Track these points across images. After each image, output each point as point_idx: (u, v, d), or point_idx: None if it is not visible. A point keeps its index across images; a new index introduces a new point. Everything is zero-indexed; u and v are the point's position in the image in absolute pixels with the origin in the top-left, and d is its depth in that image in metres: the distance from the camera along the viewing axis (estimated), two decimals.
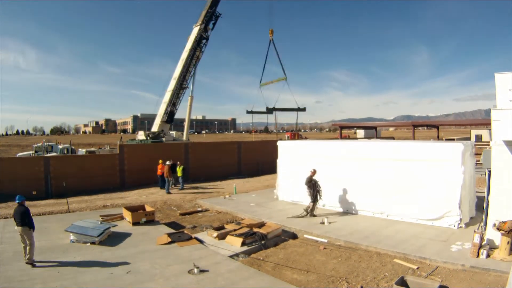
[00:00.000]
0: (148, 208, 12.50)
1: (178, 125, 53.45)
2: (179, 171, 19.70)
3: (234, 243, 9.44)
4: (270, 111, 24.84)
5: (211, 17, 27.12)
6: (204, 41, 27.30)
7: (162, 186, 19.66)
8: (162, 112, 26.67)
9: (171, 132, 29.42)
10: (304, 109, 26.57)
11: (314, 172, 12.54)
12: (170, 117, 27.33)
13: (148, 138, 26.31)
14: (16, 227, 8.23)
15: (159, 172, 19.72)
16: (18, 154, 30.60)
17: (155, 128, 26.94)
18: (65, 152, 27.27)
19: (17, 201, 8.46)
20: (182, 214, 13.83)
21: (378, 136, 44.01)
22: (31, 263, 8.04)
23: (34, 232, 8.32)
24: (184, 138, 28.99)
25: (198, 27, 26.77)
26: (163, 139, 26.53)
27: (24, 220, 8.17)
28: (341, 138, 41.23)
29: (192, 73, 27.68)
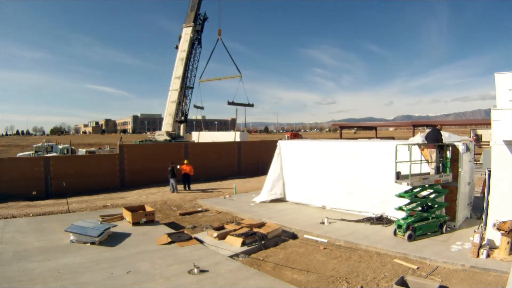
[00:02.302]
0: (148, 208, 12.50)
1: None
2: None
3: (234, 243, 9.44)
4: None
5: (199, 19, 27.44)
6: (196, 42, 27.52)
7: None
8: (173, 112, 26.58)
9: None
10: (252, 105, 32.53)
11: None
12: (185, 117, 27.87)
13: (171, 138, 26.25)
14: None
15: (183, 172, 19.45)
16: (18, 154, 30.62)
17: (167, 128, 26.76)
18: (65, 152, 27.27)
19: None
20: (182, 214, 13.83)
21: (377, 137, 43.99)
22: None
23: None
24: (181, 134, 28.96)
25: (191, 28, 26.91)
26: (185, 138, 26.89)
27: None
28: (341, 138, 41.20)
29: (193, 73, 27.86)
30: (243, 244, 9.37)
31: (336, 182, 13.41)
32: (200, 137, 36.42)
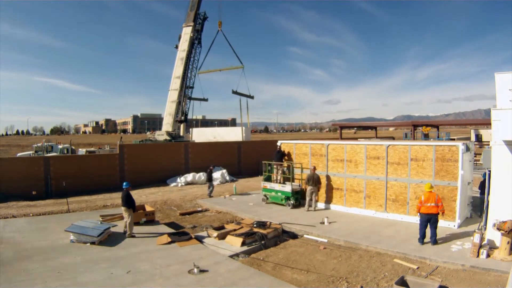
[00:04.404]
0: (148, 208, 12.50)
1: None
2: None
3: (234, 243, 9.44)
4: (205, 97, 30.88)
5: (199, 18, 27.54)
6: (196, 42, 27.55)
7: None
8: (173, 112, 26.63)
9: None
10: (252, 97, 33.18)
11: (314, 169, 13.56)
12: (185, 117, 27.92)
13: (171, 138, 26.29)
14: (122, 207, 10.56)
15: None
16: (18, 154, 30.59)
17: (167, 127, 26.79)
18: (65, 152, 27.26)
19: (123, 187, 10.60)
20: (182, 214, 13.83)
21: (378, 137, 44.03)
22: (132, 236, 10.28)
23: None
24: (181, 133, 28.99)
25: (191, 27, 26.93)
26: (185, 138, 26.88)
27: (126, 202, 10.35)
28: (341, 138, 41.26)
29: (193, 73, 27.92)
30: (243, 244, 9.37)
31: (336, 181, 13.42)
32: (199, 134, 35.95)
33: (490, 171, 8.85)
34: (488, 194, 8.97)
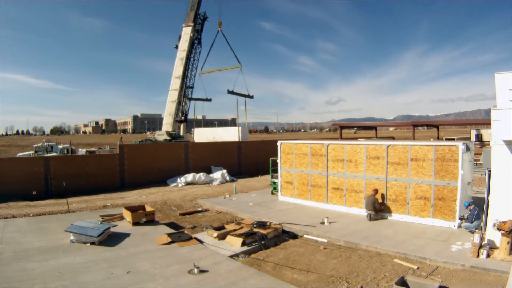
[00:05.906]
0: (148, 208, 12.50)
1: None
2: None
3: (234, 243, 9.44)
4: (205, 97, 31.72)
5: (199, 18, 27.60)
6: (196, 42, 27.60)
7: None
8: (173, 112, 26.69)
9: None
10: (252, 97, 33.58)
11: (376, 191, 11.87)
12: (185, 117, 28.05)
13: (171, 138, 26.32)
14: None
15: None
16: (18, 154, 30.60)
17: (167, 127, 26.83)
18: (65, 152, 27.28)
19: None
20: (182, 214, 13.83)
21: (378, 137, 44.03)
22: None
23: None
24: (181, 134, 29.04)
25: (191, 27, 26.98)
26: (185, 138, 26.99)
27: None
28: (341, 138, 41.27)
29: (193, 73, 27.98)
30: (243, 244, 9.37)
31: (336, 181, 13.43)
32: (200, 134, 36.04)
33: (490, 171, 8.86)
34: (488, 194, 8.98)
